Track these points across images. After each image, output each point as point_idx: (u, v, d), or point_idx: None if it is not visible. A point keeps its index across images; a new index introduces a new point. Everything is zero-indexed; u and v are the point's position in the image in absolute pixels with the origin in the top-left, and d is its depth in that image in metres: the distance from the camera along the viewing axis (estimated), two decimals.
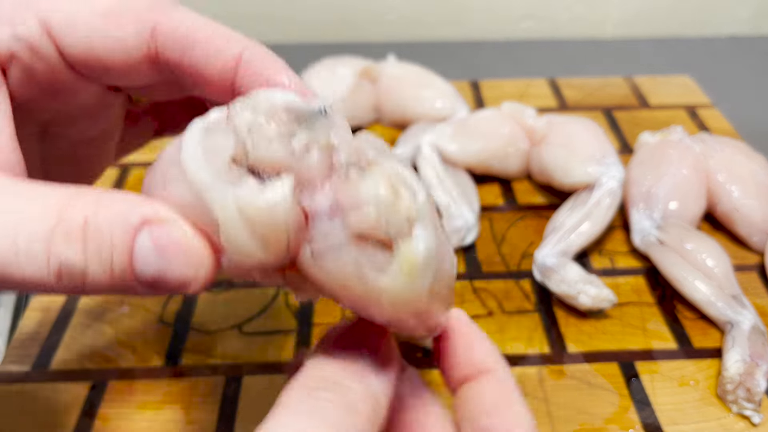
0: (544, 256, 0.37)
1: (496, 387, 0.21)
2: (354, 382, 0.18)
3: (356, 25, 0.69)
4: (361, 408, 0.17)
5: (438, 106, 0.49)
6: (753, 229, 0.40)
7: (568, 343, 0.35)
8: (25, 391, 0.33)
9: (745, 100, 0.57)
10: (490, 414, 0.20)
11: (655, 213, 0.40)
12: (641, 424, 0.31)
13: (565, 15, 0.69)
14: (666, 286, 0.38)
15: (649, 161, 0.42)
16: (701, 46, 0.67)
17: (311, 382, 0.18)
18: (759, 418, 0.31)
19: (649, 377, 0.33)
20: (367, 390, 0.18)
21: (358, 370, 0.18)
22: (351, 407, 0.17)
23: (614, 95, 0.55)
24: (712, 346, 0.35)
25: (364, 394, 0.18)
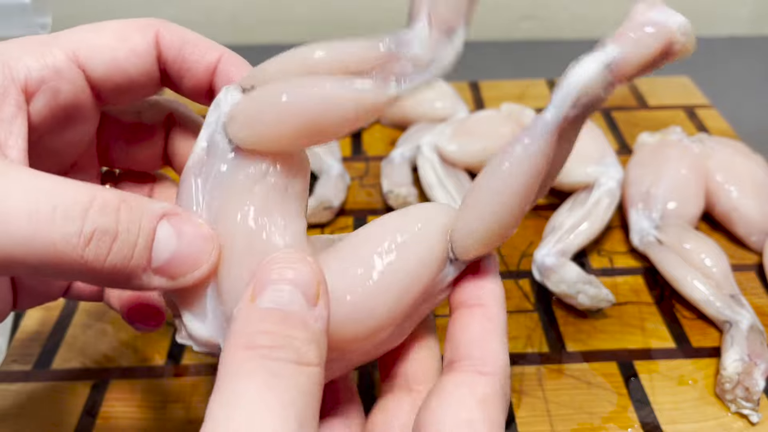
0: (543, 255, 0.37)
1: (484, 322, 0.22)
2: (295, 329, 0.17)
3: (356, 25, 0.69)
4: (310, 356, 0.17)
5: (438, 107, 0.50)
6: (751, 228, 0.40)
7: (567, 342, 0.35)
8: (26, 390, 0.33)
9: (743, 101, 0.57)
10: (470, 344, 0.21)
11: (654, 213, 0.40)
12: (640, 423, 0.31)
13: (565, 16, 0.69)
14: (665, 286, 0.38)
15: (648, 161, 0.42)
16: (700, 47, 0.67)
17: (254, 338, 0.17)
18: (757, 418, 0.31)
19: (648, 376, 0.33)
20: (308, 333, 0.18)
21: (294, 313, 0.18)
22: (302, 358, 0.17)
23: (613, 96, 0.55)
24: (711, 346, 0.35)
25: (306, 338, 0.17)
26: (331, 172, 0.45)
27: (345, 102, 0.20)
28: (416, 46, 0.20)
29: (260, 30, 0.69)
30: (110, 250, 0.18)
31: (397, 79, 0.20)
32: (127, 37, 0.23)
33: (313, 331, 0.18)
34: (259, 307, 0.18)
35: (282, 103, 0.20)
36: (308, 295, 0.18)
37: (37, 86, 0.21)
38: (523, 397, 0.32)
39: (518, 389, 0.33)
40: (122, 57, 0.23)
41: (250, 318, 0.18)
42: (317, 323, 0.18)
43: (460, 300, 0.23)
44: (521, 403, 0.32)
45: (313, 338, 0.18)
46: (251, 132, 0.21)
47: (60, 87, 0.21)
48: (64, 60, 0.22)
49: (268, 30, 0.69)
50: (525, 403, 0.32)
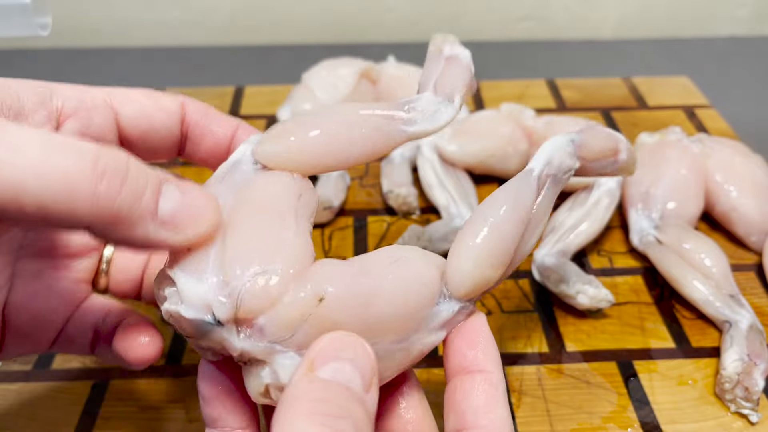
0: (543, 255, 0.37)
1: (488, 388, 0.22)
2: (356, 405, 0.18)
3: (356, 26, 0.69)
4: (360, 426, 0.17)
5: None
6: (751, 228, 0.40)
7: (567, 342, 0.35)
8: (26, 390, 0.33)
9: (743, 101, 0.57)
10: (477, 412, 0.21)
11: (654, 213, 0.40)
12: (639, 423, 0.31)
13: (564, 16, 0.69)
14: (664, 286, 0.38)
15: (648, 162, 0.42)
16: (699, 47, 0.67)
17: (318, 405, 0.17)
18: (757, 417, 0.31)
19: (648, 376, 0.33)
20: (366, 412, 0.18)
21: (357, 392, 0.18)
22: (359, 429, 0.17)
23: (613, 96, 0.56)
24: (710, 346, 0.35)
25: (364, 416, 0.18)
26: (331, 172, 0.45)
27: (368, 138, 0.24)
28: (424, 103, 0.25)
29: (260, 30, 0.69)
30: (121, 190, 0.18)
31: (407, 124, 0.24)
32: (157, 98, 0.25)
33: (369, 413, 0.18)
34: (320, 377, 0.18)
35: (312, 128, 0.23)
36: (365, 380, 0.19)
37: (72, 112, 0.23)
38: (523, 396, 0.32)
39: (518, 389, 0.33)
40: (151, 110, 0.25)
41: (313, 386, 0.18)
42: (371, 406, 0.18)
43: (459, 365, 0.22)
44: (521, 402, 0.32)
45: (369, 420, 0.18)
46: (277, 153, 0.23)
47: (92, 118, 0.23)
48: (100, 99, 0.24)
49: (268, 30, 0.69)
50: (524, 403, 0.32)
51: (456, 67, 0.27)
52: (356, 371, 0.19)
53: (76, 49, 0.67)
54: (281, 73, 0.60)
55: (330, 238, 0.42)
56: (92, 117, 0.23)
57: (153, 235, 0.19)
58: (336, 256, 0.40)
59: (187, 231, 0.20)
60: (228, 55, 0.66)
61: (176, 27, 0.67)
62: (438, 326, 0.22)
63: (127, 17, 0.68)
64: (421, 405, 0.23)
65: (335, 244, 0.41)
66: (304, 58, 0.56)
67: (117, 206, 0.18)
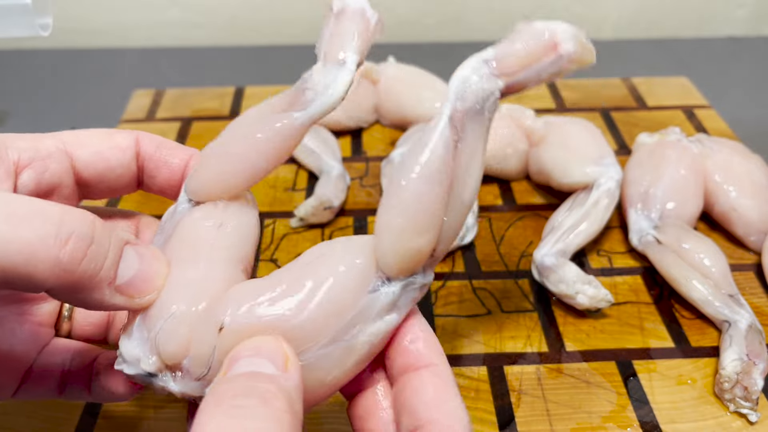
0: (543, 255, 0.38)
1: (436, 381, 0.21)
2: (265, 383, 0.18)
3: None
4: (277, 403, 0.18)
5: (438, 107, 0.49)
6: (750, 228, 0.40)
7: (567, 341, 0.35)
8: None
9: (742, 101, 0.57)
10: (429, 407, 0.21)
11: (653, 213, 0.40)
12: (639, 422, 0.31)
13: (564, 16, 0.69)
14: (663, 286, 0.38)
15: (647, 162, 0.43)
16: (699, 48, 0.67)
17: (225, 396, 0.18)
18: (756, 417, 0.31)
19: (647, 376, 0.33)
20: (279, 387, 0.18)
21: (264, 374, 0.19)
22: (268, 401, 0.18)
23: (612, 96, 0.56)
24: (710, 345, 0.35)
25: (277, 390, 0.18)
26: (331, 172, 0.45)
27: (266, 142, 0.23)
28: (314, 78, 0.24)
29: (260, 30, 0.69)
30: (85, 255, 0.19)
31: (303, 107, 0.23)
32: (111, 136, 0.26)
33: (282, 387, 0.19)
34: (230, 375, 0.19)
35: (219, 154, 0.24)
36: (277, 364, 0.19)
37: (28, 162, 0.23)
38: (523, 396, 0.32)
39: (518, 388, 0.33)
40: (106, 150, 0.25)
41: (223, 385, 0.19)
42: (288, 382, 0.19)
43: (404, 364, 0.22)
44: (520, 402, 0.32)
45: (282, 392, 0.18)
46: (198, 183, 0.24)
47: (48, 166, 0.24)
48: (54, 146, 0.24)
49: (268, 30, 0.69)
50: (524, 403, 0.32)
51: (345, 21, 0.24)
52: (265, 359, 0.19)
53: (76, 50, 0.67)
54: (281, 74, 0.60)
55: (330, 238, 0.42)
56: (47, 165, 0.24)
57: (108, 300, 0.21)
58: None
59: (142, 298, 0.21)
60: (228, 56, 0.66)
61: (176, 27, 0.68)
62: (381, 312, 0.21)
63: (128, 18, 0.68)
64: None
65: None
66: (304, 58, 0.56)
67: (79, 273, 0.19)
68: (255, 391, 0.18)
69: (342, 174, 0.45)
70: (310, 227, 0.43)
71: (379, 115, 0.52)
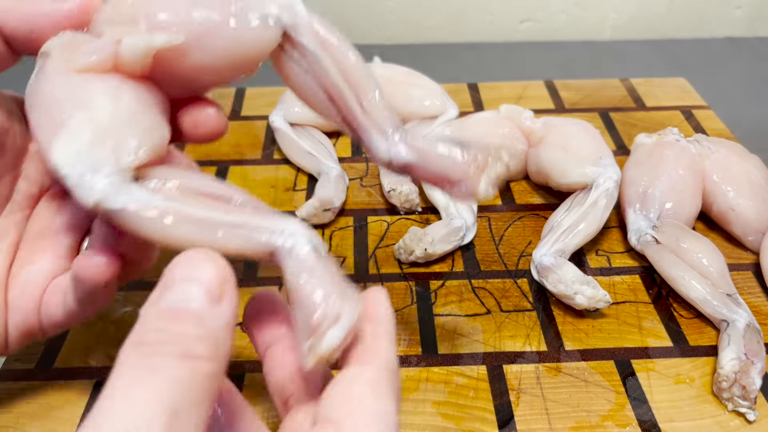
0: (542, 255, 0.38)
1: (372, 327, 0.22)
2: (186, 326, 0.18)
3: (355, 27, 0.69)
4: (199, 350, 0.18)
5: (427, 104, 0.50)
6: (748, 228, 0.41)
7: (566, 341, 0.35)
8: (29, 388, 0.33)
9: (740, 102, 0.58)
10: (357, 350, 0.21)
11: (651, 213, 0.40)
12: (637, 421, 0.31)
13: (563, 17, 0.69)
14: (662, 285, 0.38)
15: (646, 162, 0.43)
16: (697, 48, 0.67)
17: (144, 336, 0.18)
18: (754, 416, 0.31)
19: (646, 375, 0.34)
20: (202, 330, 0.18)
21: (191, 311, 0.18)
22: (188, 353, 0.17)
23: (611, 97, 0.56)
24: (708, 345, 0.35)
25: (198, 334, 0.18)
26: (330, 173, 0.45)
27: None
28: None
29: None
30: None
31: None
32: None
33: (209, 328, 0.18)
34: (159, 306, 0.19)
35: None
36: (211, 294, 0.19)
37: None
38: (522, 395, 0.33)
39: (517, 387, 0.33)
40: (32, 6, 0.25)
41: (147, 317, 0.18)
42: (216, 321, 0.19)
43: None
44: (519, 401, 0.32)
45: (208, 335, 0.18)
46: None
47: None
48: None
49: None
50: (523, 401, 0.32)
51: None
52: (199, 288, 0.19)
53: None
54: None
55: (330, 238, 0.42)
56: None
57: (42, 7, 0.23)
58: (336, 256, 0.41)
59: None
60: None
61: None
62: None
63: None
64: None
65: (335, 244, 0.42)
66: None
67: None
68: (177, 340, 0.18)
69: (341, 174, 0.45)
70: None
71: None
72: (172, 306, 0.18)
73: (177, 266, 0.19)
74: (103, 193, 0.21)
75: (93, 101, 0.22)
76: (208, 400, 0.18)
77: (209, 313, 0.18)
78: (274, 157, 0.49)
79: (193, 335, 0.18)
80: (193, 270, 0.19)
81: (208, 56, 0.24)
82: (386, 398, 0.20)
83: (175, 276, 0.19)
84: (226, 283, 0.19)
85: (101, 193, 0.21)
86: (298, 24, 0.24)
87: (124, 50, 0.23)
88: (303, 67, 0.25)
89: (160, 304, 0.19)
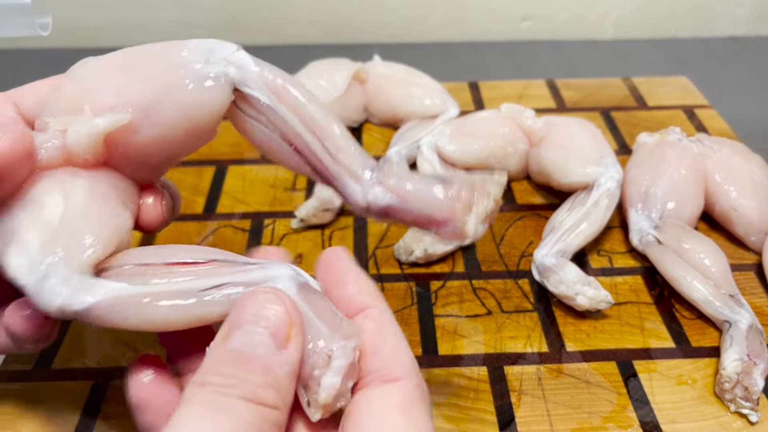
0: (543, 256, 0.38)
1: (373, 326, 0.21)
2: (253, 373, 0.18)
3: (356, 26, 0.69)
4: (264, 397, 0.18)
5: (427, 103, 0.50)
6: (751, 228, 0.40)
7: (567, 342, 0.35)
8: (27, 390, 0.33)
9: (742, 101, 0.57)
10: (367, 356, 0.20)
11: (653, 213, 0.40)
12: (639, 422, 0.31)
13: (564, 16, 0.69)
14: (664, 286, 0.38)
15: (648, 162, 0.42)
16: (699, 47, 0.67)
17: (210, 378, 0.18)
18: (757, 417, 0.31)
19: (648, 376, 0.33)
20: (268, 377, 0.18)
21: (257, 357, 0.18)
22: (255, 398, 0.17)
23: (612, 96, 0.56)
24: (710, 345, 0.35)
25: (265, 381, 0.18)
26: None
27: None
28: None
29: (260, 30, 0.69)
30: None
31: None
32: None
33: (274, 376, 0.18)
34: (226, 348, 0.18)
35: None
36: (278, 338, 0.19)
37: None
38: (523, 396, 0.32)
39: (518, 389, 0.33)
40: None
41: (214, 358, 0.18)
42: (282, 368, 0.18)
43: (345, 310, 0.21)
44: (521, 402, 0.32)
45: (273, 383, 0.18)
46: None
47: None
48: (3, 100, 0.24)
49: (268, 30, 0.69)
50: (524, 403, 0.32)
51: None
52: (266, 331, 0.19)
53: (76, 49, 0.67)
54: None
55: (330, 238, 0.42)
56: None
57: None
58: None
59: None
60: None
61: (176, 27, 0.68)
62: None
63: (128, 17, 0.68)
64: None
65: (335, 244, 0.41)
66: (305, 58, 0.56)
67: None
68: (243, 385, 0.18)
69: None
70: (310, 227, 0.43)
71: (368, 113, 0.52)
72: (240, 349, 0.18)
73: (246, 304, 0.19)
74: (63, 298, 0.20)
75: (41, 202, 0.21)
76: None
77: (275, 360, 0.18)
78: None
79: (260, 383, 0.18)
80: (262, 310, 0.19)
81: (158, 129, 0.23)
82: (423, 421, 0.19)
83: (241, 316, 0.19)
84: (293, 326, 0.19)
85: (61, 298, 0.20)
86: (247, 78, 0.23)
87: (70, 140, 0.22)
88: (262, 122, 0.24)
89: (229, 345, 0.18)
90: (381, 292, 0.22)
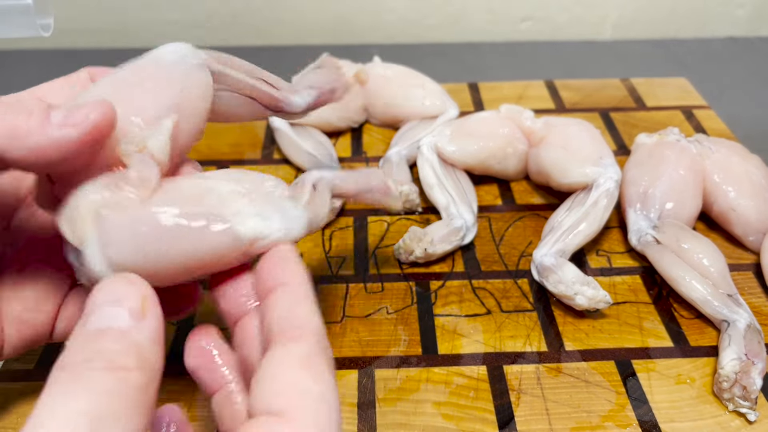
0: (542, 255, 0.38)
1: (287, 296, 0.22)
2: (109, 342, 0.18)
3: (355, 26, 0.69)
4: (123, 362, 0.18)
5: (427, 104, 0.50)
6: (749, 228, 0.40)
7: (566, 341, 0.35)
8: (29, 389, 0.33)
9: (740, 102, 0.58)
10: (278, 321, 0.21)
11: (652, 213, 0.40)
12: (638, 421, 0.31)
13: (564, 17, 0.69)
14: (662, 285, 0.38)
15: (646, 162, 0.43)
16: (698, 48, 0.67)
17: (70, 358, 0.18)
18: (755, 416, 0.31)
19: (646, 375, 0.34)
20: (125, 343, 0.18)
21: (114, 329, 0.19)
22: (112, 365, 0.18)
23: (611, 97, 0.56)
24: (708, 345, 0.35)
25: (122, 348, 0.18)
26: None
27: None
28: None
29: (260, 31, 0.69)
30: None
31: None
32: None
33: (134, 342, 0.19)
34: (84, 330, 0.19)
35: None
36: (134, 312, 0.19)
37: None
38: (522, 395, 0.32)
39: (517, 388, 0.33)
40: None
41: (73, 342, 0.19)
42: (142, 333, 0.19)
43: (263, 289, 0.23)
44: (520, 401, 0.32)
45: (132, 346, 0.18)
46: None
47: None
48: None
49: (268, 31, 0.69)
50: (523, 402, 0.32)
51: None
52: (120, 307, 0.19)
53: (77, 50, 0.68)
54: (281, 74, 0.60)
55: (330, 238, 0.42)
56: None
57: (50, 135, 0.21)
58: (336, 256, 0.41)
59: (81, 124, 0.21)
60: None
61: (177, 28, 0.68)
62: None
63: (128, 18, 0.68)
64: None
65: (335, 244, 0.41)
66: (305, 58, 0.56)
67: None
68: (101, 355, 0.18)
69: None
70: None
71: (368, 114, 0.52)
72: (98, 327, 0.19)
73: (98, 293, 0.20)
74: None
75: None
76: (139, 412, 0.18)
77: (134, 328, 0.19)
78: (274, 156, 0.49)
79: (117, 349, 0.18)
80: (114, 293, 0.20)
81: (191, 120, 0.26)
82: (325, 376, 0.20)
83: (96, 302, 0.20)
84: (146, 299, 0.20)
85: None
86: (208, 61, 0.27)
87: (156, 150, 0.24)
88: (222, 89, 0.28)
89: (85, 328, 0.19)
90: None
